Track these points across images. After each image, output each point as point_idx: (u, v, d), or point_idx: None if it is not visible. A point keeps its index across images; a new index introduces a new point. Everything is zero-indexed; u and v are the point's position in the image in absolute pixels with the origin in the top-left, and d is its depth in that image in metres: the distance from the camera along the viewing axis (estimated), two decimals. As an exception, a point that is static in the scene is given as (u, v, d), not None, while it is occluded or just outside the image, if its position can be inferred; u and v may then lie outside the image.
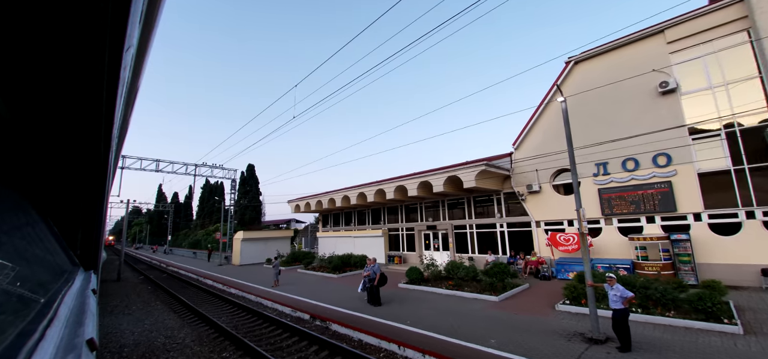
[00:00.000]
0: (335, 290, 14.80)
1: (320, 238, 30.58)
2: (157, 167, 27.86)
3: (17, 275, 1.63)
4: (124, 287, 19.16)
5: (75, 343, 1.48)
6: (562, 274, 14.90)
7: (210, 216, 64.78)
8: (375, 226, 26.07)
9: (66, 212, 3.59)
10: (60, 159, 2.38)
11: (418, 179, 18.89)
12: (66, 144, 2.15)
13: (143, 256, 47.18)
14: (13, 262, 1.68)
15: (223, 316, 11.78)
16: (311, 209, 28.35)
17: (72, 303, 2.19)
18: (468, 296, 12.19)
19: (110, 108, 1.61)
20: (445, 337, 7.91)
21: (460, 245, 20.13)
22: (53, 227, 3.38)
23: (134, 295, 16.52)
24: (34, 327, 1.35)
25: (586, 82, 16.12)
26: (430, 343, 7.59)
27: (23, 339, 1.20)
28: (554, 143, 16.41)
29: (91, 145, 2.11)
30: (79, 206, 3.58)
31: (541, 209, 16.91)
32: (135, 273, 26.72)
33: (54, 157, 2.32)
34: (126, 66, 1.35)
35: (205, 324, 10.72)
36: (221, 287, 17.94)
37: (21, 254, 1.95)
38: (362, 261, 20.10)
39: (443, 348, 7.32)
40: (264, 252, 28.81)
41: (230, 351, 8.28)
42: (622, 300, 6.87)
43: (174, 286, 19.20)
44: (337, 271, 19.07)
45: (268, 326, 10.27)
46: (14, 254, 1.81)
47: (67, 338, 1.54)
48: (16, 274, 1.62)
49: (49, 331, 1.44)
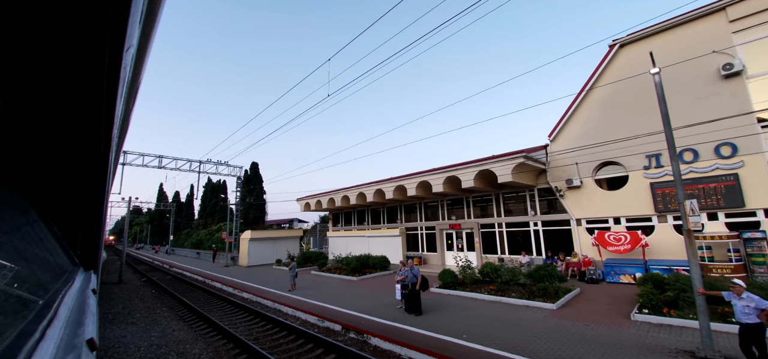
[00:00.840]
0: (361, 295, 13.41)
1: (331, 238, 29.22)
2: (159, 164, 26.63)
3: (17, 275, 1.64)
4: (126, 290, 17.76)
5: (75, 343, 1.44)
6: (611, 277, 13.51)
7: (212, 216, 63.53)
8: (391, 225, 24.67)
9: (66, 212, 3.53)
10: (60, 159, 2.37)
11: (444, 175, 17.53)
12: (66, 144, 2.13)
13: (145, 256, 45.70)
14: (13, 262, 1.69)
15: (239, 325, 10.40)
16: (322, 207, 26.95)
17: (72, 303, 2.14)
18: (516, 302, 10.82)
19: (110, 108, 1.60)
20: (520, 358, 6.48)
21: (487, 246, 18.72)
22: (53, 227, 3.32)
23: (137, 300, 15.12)
24: (34, 327, 1.32)
25: (633, 67, 14.70)
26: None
27: (23, 339, 1.17)
28: (596, 133, 15.05)
29: (91, 145, 2.10)
30: (79, 206, 3.55)
31: (583, 205, 15.50)
32: (137, 274, 25.35)
33: (54, 157, 2.31)
34: (126, 66, 1.35)
35: (221, 335, 9.32)
36: (231, 290, 16.53)
37: (21, 255, 1.93)
38: (382, 263, 18.72)
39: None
40: (272, 253, 27.46)
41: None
42: (757, 311, 5.45)
43: (179, 289, 17.83)
44: (356, 273, 17.65)
45: (295, 339, 8.88)
46: (14, 255, 1.78)
47: (67, 338, 1.50)
48: (15, 274, 1.62)
49: (49, 331, 1.41)
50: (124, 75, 1.39)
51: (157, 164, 26.76)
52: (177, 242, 61.09)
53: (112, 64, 1.24)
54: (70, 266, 3.38)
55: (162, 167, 26.91)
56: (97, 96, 1.47)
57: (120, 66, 1.26)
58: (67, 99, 1.57)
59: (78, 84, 1.43)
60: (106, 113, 1.64)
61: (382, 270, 18.60)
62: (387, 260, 19.06)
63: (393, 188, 20.32)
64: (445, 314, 9.99)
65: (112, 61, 1.23)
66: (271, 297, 13.74)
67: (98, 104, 1.55)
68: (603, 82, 15.42)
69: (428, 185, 18.42)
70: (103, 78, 1.33)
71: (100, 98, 1.48)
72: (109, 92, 1.43)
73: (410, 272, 10.23)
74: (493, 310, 10.27)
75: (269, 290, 15.35)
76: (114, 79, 1.35)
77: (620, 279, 13.36)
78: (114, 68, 1.27)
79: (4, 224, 1.79)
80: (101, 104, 1.53)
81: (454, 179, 17.29)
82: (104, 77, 1.32)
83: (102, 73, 1.30)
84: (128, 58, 1.32)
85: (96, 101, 1.52)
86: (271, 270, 23.13)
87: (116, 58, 1.21)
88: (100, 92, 1.42)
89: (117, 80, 1.36)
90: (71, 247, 3.87)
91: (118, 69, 1.28)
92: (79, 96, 1.53)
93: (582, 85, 16.15)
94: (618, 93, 15.01)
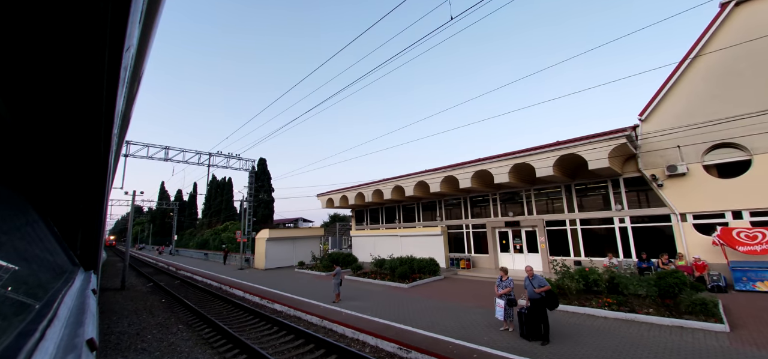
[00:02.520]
0: (426, 308, 10.71)
1: (355, 238, 26.37)
2: (166, 155, 23.90)
3: (17, 275, 1.63)
4: (130, 299, 14.99)
5: (75, 343, 1.44)
6: (742, 284, 10.74)
7: (217, 214, 60.72)
8: (429, 223, 21.85)
9: (66, 212, 3.56)
10: (60, 159, 2.36)
11: (509, 162, 14.73)
12: (66, 144, 2.12)
13: (147, 258, 42.71)
14: (13, 262, 1.67)
15: (292, 356, 7.58)
16: (349, 203, 24.15)
17: (72, 303, 2.14)
18: (660, 321, 8.04)
19: (110, 108, 1.59)
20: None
21: (555, 246, 15.94)
22: (53, 228, 3.35)
23: (146, 312, 12.34)
24: (34, 327, 1.32)
25: (752, 28, 11.92)
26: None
27: (23, 339, 1.17)
28: (706, 109, 12.29)
29: (90, 145, 2.09)
30: (79, 206, 3.57)
31: (688, 197, 12.74)
32: (141, 278, 22.56)
33: (54, 157, 2.30)
34: (126, 66, 1.34)
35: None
36: (258, 300, 13.70)
37: (21, 255, 1.94)
38: (430, 266, 15.89)
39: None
40: (292, 254, 24.67)
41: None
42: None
43: (194, 298, 15.04)
44: (405, 280, 14.85)
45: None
46: (14, 255, 1.78)
47: (67, 338, 1.51)
48: (15, 274, 1.60)
49: (49, 331, 1.41)
50: (123, 75, 1.39)
51: (163, 156, 24.08)
52: (180, 243, 58.10)
53: (112, 64, 1.25)
54: (70, 266, 3.42)
55: (169, 159, 24.21)
56: (97, 96, 1.47)
57: (120, 66, 1.26)
58: (67, 99, 1.57)
59: (78, 84, 1.42)
60: (106, 113, 1.63)
61: (431, 275, 15.82)
62: (436, 264, 16.31)
63: (440, 180, 17.55)
64: (580, 342, 7.20)
65: (112, 61, 1.23)
66: (312, 310, 10.95)
67: (98, 104, 1.55)
68: (712, 49, 12.66)
69: (486, 176, 15.66)
70: (103, 78, 1.33)
71: (99, 98, 1.48)
72: (109, 91, 1.43)
73: (530, 283, 7.43)
74: (635, 334, 7.59)
75: (306, 300, 12.55)
76: (114, 79, 1.35)
77: (756, 286, 10.60)
78: (114, 68, 1.27)
79: (5, 225, 1.79)
80: (101, 104, 1.53)
81: (523, 168, 14.53)
82: (104, 77, 1.32)
83: (102, 73, 1.30)
84: (128, 58, 1.33)
85: (96, 101, 1.52)
86: (294, 274, 20.29)
87: (116, 57, 1.20)
88: (100, 92, 1.43)
89: (117, 80, 1.36)
90: (71, 247, 3.90)
91: (118, 69, 1.28)
92: (78, 96, 1.53)
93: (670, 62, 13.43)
94: (735, 61, 12.22)
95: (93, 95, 1.45)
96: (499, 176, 15.04)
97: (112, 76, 1.31)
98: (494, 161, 15.33)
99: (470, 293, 12.87)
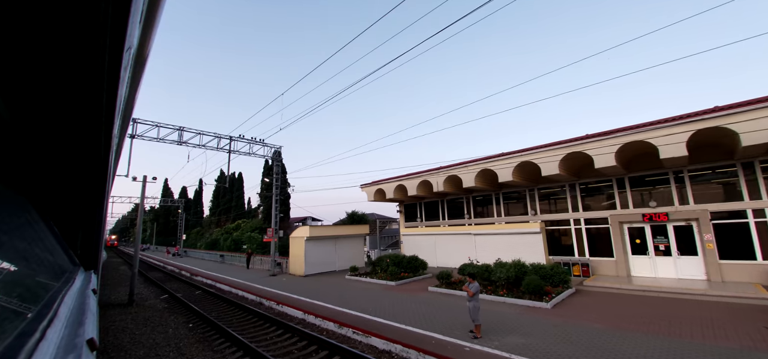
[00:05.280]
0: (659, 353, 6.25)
1: (406, 237, 21.99)
2: (180, 138, 19.95)
3: (17, 275, 1.62)
4: (143, 321, 10.73)
5: (75, 343, 1.43)
6: None
7: (227, 212, 56.29)
8: (514, 218, 17.38)
9: (66, 213, 3.58)
10: (60, 159, 2.36)
11: (692, 126, 10.30)
12: (66, 145, 2.12)
13: (153, 259, 37.90)
14: (14, 262, 1.67)
15: None
16: (408, 194, 19.63)
17: (72, 303, 2.13)
18: None
19: (110, 108, 1.57)
20: None
21: (730, 247, 11.51)
22: (54, 228, 3.37)
23: (170, 348, 7.96)
24: (34, 327, 1.30)
25: None
26: None
27: (23, 339, 1.16)
28: None
29: (91, 145, 2.08)
30: (80, 207, 3.58)
31: None
32: (151, 286, 18.27)
33: (54, 157, 2.29)
34: (126, 66, 1.33)
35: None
36: (334, 328, 9.29)
37: (21, 254, 1.93)
38: (558, 275, 11.37)
39: None
40: (334, 256, 20.33)
41: None
42: None
43: (232, 318, 10.88)
44: (540, 296, 10.38)
45: None
46: (14, 254, 1.78)
47: (68, 338, 1.49)
48: (16, 274, 1.60)
49: (49, 331, 1.39)
50: (124, 75, 1.37)
51: (177, 139, 20.13)
52: (187, 243, 53.67)
53: (112, 64, 1.23)
54: (70, 266, 3.42)
55: (183, 142, 20.20)
56: (97, 96, 1.45)
57: (120, 66, 1.25)
58: (67, 100, 1.55)
59: (78, 84, 1.41)
60: (106, 113, 1.61)
61: (563, 287, 11.30)
62: (566, 272, 11.71)
63: (560, 160, 12.98)
64: None
65: (112, 61, 1.22)
66: (449, 353, 6.60)
67: (98, 105, 1.53)
68: None
69: (638, 149, 11.22)
70: (104, 78, 1.31)
71: (100, 98, 1.46)
72: (109, 91, 1.42)
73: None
74: None
75: (417, 331, 8.18)
76: (114, 79, 1.33)
77: None
78: (114, 68, 1.26)
79: (5, 225, 1.78)
80: (101, 104, 1.51)
81: (715, 133, 10.08)
82: (104, 77, 1.31)
83: (102, 73, 1.28)
84: (128, 58, 1.31)
85: (96, 101, 1.50)
86: (348, 283, 15.81)
87: (116, 58, 1.19)
88: (100, 92, 1.41)
89: (117, 80, 1.34)
90: (71, 247, 3.88)
91: (118, 69, 1.26)
92: (79, 97, 1.51)
93: None
94: None
95: (94, 95, 1.44)
96: (669, 148, 10.61)
97: (113, 76, 1.30)
98: (661, 128, 10.88)
99: (676, 319, 8.52)
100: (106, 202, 3.88)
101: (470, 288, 7.79)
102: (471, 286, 7.84)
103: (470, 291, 7.79)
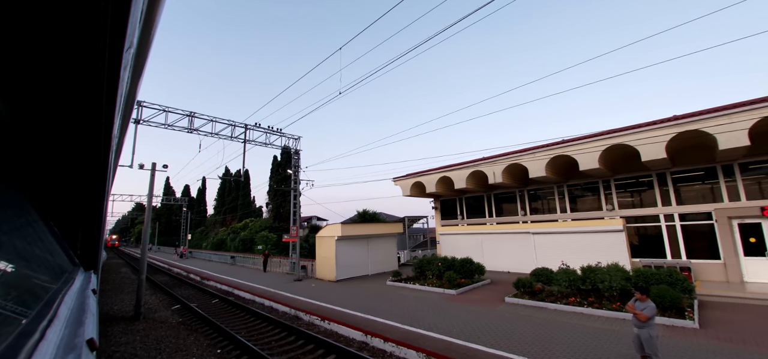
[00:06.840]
0: None
1: (444, 237, 19.53)
2: (190, 125, 18.67)
3: (17, 275, 1.57)
4: (155, 342, 8.56)
5: (75, 343, 1.41)
6: None
7: (232, 211, 53.72)
8: (585, 214, 14.93)
9: (66, 212, 3.51)
10: (60, 160, 2.32)
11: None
12: (66, 145, 2.08)
13: (157, 261, 35.11)
14: (13, 262, 1.61)
15: None
16: (454, 188, 17.18)
17: (72, 303, 2.09)
18: None
19: (110, 108, 1.54)
20: None
21: None
22: (53, 227, 3.30)
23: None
24: (34, 327, 1.29)
25: None
26: None
27: (23, 339, 1.14)
28: None
29: (91, 145, 2.04)
30: (79, 206, 3.54)
31: None
32: (158, 293, 15.93)
33: (54, 157, 2.25)
34: (126, 66, 1.31)
35: None
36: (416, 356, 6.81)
37: (21, 254, 1.88)
38: (684, 285, 8.86)
39: None
40: (366, 259, 17.87)
41: None
42: None
43: (269, 340, 8.85)
44: (679, 312, 7.89)
45: None
46: (14, 254, 1.73)
47: (67, 338, 1.47)
48: (16, 274, 1.55)
49: (49, 331, 1.38)
50: (124, 75, 1.35)
51: (187, 126, 18.01)
52: (191, 243, 51.21)
53: (112, 64, 1.22)
54: (70, 266, 3.35)
55: (194, 130, 18.27)
56: (98, 95, 1.43)
57: (120, 66, 1.23)
58: (67, 100, 1.53)
59: (78, 84, 1.39)
60: (106, 112, 1.59)
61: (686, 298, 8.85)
62: (686, 281, 9.27)
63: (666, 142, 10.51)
64: None
65: (112, 61, 1.20)
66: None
67: (98, 104, 1.50)
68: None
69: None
70: (104, 77, 1.29)
71: (100, 97, 1.44)
72: (109, 91, 1.40)
73: None
74: None
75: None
76: (114, 79, 1.32)
77: None
78: (114, 68, 1.24)
79: (5, 225, 1.74)
80: (101, 103, 1.49)
81: None
82: (104, 77, 1.29)
83: (102, 73, 1.27)
84: (128, 58, 1.29)
85: (96, 100, 1.47)
86: (390, 289, 13.37)
87: (116, 58, 1.18)
88: (101, 91, 1.39)
89: (117, 80, 1.33)
90: (71, 247, 3.80)
91: (118, 69, 1.25)
92: (79, 96, 1.49)
93: None
94: None
95: (94, 94, 1.41)
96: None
97: (113, 76, 1.28)
98: None
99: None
100: (106, 201, 3.81)
101: (643, 310, 5.33)
102: (643, 306, 5.38)
103: (642, 314, 5.32)
